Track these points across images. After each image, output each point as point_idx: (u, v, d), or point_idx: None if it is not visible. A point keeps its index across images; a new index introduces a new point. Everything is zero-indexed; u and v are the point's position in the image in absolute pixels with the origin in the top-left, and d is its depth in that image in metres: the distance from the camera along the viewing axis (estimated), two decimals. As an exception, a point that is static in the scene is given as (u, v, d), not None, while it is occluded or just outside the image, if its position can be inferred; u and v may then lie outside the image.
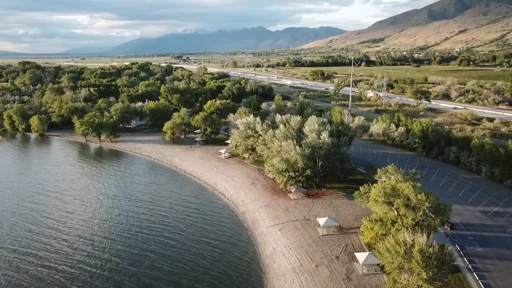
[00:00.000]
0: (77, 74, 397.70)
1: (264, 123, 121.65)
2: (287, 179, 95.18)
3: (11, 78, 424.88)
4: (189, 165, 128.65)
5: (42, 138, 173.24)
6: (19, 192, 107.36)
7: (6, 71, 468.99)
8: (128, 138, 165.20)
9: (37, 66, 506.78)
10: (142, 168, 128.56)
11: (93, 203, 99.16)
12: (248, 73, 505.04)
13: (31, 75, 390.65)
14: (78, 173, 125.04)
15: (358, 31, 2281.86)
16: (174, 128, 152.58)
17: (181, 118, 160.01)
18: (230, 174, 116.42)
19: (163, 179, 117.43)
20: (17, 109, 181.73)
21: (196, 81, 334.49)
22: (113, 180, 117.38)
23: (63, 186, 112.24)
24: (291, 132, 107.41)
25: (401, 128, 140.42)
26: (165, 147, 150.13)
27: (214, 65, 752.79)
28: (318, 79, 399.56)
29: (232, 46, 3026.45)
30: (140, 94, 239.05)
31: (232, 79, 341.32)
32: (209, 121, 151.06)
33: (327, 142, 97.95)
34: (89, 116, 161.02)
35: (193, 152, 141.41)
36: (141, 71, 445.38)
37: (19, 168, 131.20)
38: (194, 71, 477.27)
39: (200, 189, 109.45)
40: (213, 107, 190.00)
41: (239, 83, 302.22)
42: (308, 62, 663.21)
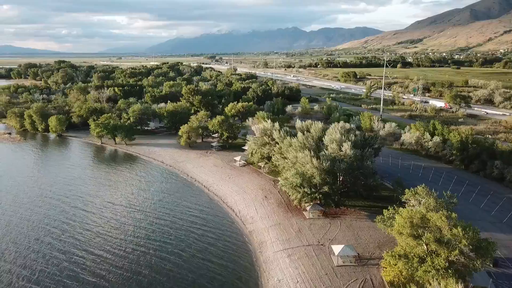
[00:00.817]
0: (107, 74, 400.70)
1: (282, 130, 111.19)
2: (301, 195, 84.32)
3: (46, 76, 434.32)
4: (201, 173, 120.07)
5: (60, 139, 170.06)
6: (19, 196, 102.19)
7: (41, 69, 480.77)
8: (144, 141, 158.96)
9: (71, 65, 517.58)
10: (152, 176, 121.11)
11: (92, 212, 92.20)
12: (278, 74, 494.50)
13: (63, 74, 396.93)
14: (85, 178, 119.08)
15: (395, 32, 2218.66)
16: (190, 132, 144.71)
17: (199, 122, 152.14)
18: (242, 185, 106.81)
19: (171, 189, 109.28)
20: (36, 108, 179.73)
21: (223, 82, 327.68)
22: (119, 187, 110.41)
23: (63, 192, 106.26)
24: (310, 141, 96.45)
25: (437, 137, 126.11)
26: (179, 152, 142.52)
27: (246, 65, 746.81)
28: (350, 81, 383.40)
29: (266, 47, 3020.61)
30: (164, 95, 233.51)
31: (260, 80, 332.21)
32: (226, 125, 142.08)
33: (349, 155, 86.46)
34: (104, 117, 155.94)
35: (208, 159, 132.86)
36: (170, 71, 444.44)
37: (27, 170, 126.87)
38: (224, 71, 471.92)
39: (208, 201, 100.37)
40: (234, 110, 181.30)
41: (266, 84, 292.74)
42: (341, 63, 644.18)
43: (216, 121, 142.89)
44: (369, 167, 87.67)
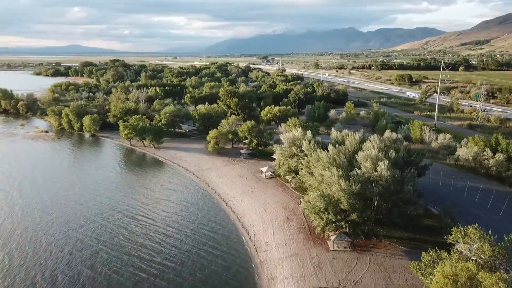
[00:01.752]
0: (155, 73, 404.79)
1: (313, 140, 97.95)
2: (325, 222, 71.09)
3: (100, 75, 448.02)
4: (223, 184, 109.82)
5: (92, 139, 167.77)
6: (34, 198, 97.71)
7: (96, 68, 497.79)
8: (173, 145, 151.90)
9: (124, 64, 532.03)
10: (172, 184, 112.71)
11: (100, 220, 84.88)
12: (327, 75, 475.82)
13: (114, 73, 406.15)
14: (103, 183, 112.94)
15: (459, 32, 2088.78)
16: (218, 138, 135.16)
17: (229, 126, 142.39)
18: (264, 202, 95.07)
19: (189, 201, 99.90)
20: (73, 107, 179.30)
21: (267, 83, 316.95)
22: (135, 195, 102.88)
23: (75, 198, 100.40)
24: (341, 157, 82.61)
25: (500, 154, 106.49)
26: (206, 158, 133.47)
27: (296, 66, 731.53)
28: (405, 84, 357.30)
29: (321, 47, 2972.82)
30: (204, 96, 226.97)
31: (306, 82, 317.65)
32: (256, 131, 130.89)
33: (385, 176, 71.91)
34: (134, 119, 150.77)
35: (234, 167, 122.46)
36: (217, 71, 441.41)
37: (48, 171, 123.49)
38: (271, 72, 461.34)
39: (224, 219, 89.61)
40: (271, 114, 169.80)
41: (311, 86, 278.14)
42: (397, 64, 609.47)
43: (246, 126, 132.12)
44: (409, 192, 72.38)
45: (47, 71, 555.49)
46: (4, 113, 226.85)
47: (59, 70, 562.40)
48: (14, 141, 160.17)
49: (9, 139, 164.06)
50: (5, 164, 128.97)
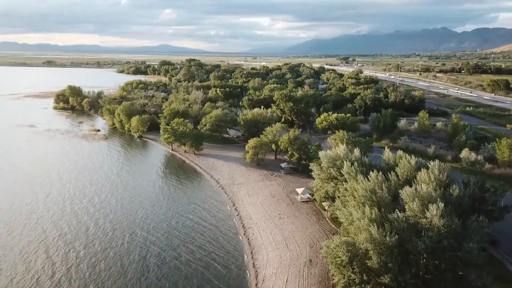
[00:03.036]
0: (224, 73, 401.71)
1: (356, 163, 78.68)
2: (346, 281, 52.89)
3: (174, 74, 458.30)
4: (250, 204, 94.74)
5: (138, 141, 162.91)
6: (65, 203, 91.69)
7: (172, 67, 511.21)
8: (214, 152, 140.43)
9: (199, 64, 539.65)
10: (196, 198, 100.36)
11: (111, 233, 75.09)
12: (409, 78, 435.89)
13: (185, 72, 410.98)
14: (133, 191, 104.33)
15: None
16: (258, 148, 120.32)
17: (273, 135, 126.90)
18: (289, 234, 78.26)
19: (207, 221, 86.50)
20: (124, 106, 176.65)
21: (337, 86, 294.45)
22: (157, 209, 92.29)
23: (95, 200, 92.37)
24: (384, 190, 62.91)
25: None
26: (243, 170, 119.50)
27: (377, 68, 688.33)
28: (499, 91, 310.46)
29: (408, 48, 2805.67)
30: (262, 99, 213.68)
31: (380, 86, 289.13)
32: (299, 143, 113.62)
33: (436, 226, 51.60)
34: (175, 122, 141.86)
35: (269, 184, 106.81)
36: (288, 72, 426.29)
37: (80, 174, 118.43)
38: (347, 74, 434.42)
39: (237, 251, 74.44)
40: (326, 122, 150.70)
41: (384, 90, 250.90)
42: (493, 68, 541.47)
43: (286, 137, 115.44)
44: (472, 252, 51.01)
45: (128, 69, 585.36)
46: (71, 110, 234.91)
47: (140, 68, 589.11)
48: (64, 139, 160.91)
49: (61, 136, 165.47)
50: (49, 165, 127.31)
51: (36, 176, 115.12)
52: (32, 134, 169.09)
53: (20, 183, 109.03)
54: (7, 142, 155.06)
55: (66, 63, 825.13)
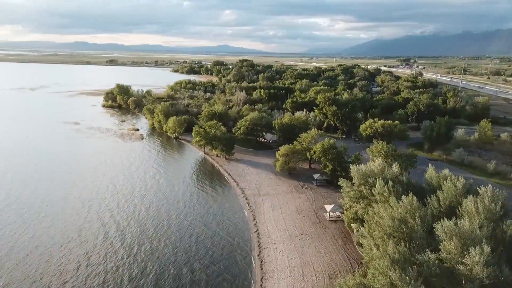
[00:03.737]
0: (274, 74, 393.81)
1: (390, 182, 67.15)
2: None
3: (226, 74, 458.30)
4: (272, 219, 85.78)
5: (174, 142, 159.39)
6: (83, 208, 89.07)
7: (223, 67, 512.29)
8: (246, 157, 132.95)
9: (251, 64, 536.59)
10: (217, 210, 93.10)
11: (110, 245, 70.26)
12: (475, 82, 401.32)
13: (235, 73, 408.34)
14: (149, 195, 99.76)
15: None
16: (290, 156, 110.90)
17: (308, 142, 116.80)
18: (308, 260, 68.45)
19: (219, 235, 78.98)
20: (162, 107, 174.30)
21: (391, 89, 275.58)
22: (173, 219, 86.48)
23: (114, 205, 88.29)
24: (416, 220, 51.35)
25: None
26: (272, 179, 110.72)
27: (440, 71, 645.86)
28: None
29: (478, 50, 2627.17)
30: (307, 102, 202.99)
31: (439, 90, 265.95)
32: (334, 153, 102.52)
33: (477, 275, 39.84)
34: (208, 125, 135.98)
35: (297, 197, 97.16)
36: (341, 74, 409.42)
37: (106, 175, 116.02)
38: (403, 77, 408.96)
39: (245, 275, 66.04)
40: (371, 130, 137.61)
41: (443, 96, 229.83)
42: None
43: (320, 145, 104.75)
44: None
45: (183, 69, 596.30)
46: (118, 108, 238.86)
47: (194, 68, 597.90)
48: (101, 138, 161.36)
49: (100, 135, 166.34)
50: (75, 164, 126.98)
51: (54, 173, 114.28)
52: (73, 131, 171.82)
53: (37, 181, 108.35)
54: (47, 139, 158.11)
55: (126, 62, 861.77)
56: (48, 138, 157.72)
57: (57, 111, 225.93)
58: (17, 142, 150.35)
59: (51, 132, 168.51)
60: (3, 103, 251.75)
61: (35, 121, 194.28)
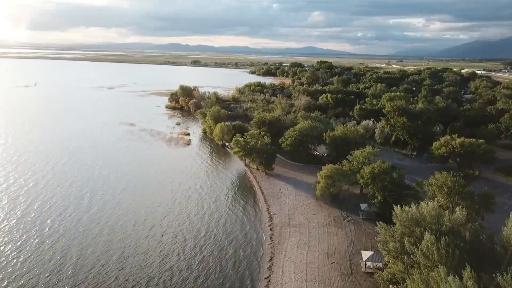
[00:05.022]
0: (351, 77, 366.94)
1: (447, 238, 46.29)
2: None
3: (302, 76, 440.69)
4: (293, 262, 68.11)
5: (220, 150, 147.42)
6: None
7: (299, 69, 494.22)
8: (288, 172, 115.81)
9: (329, 66, 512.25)
10: (233, 241, 77.84)
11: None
12: None
13: (309, 75, 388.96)
14: (165, 212, 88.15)
15: None
16: (334, 177, 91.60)
17: (360, 162, 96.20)
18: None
19: (222, 279, 63.77)
20: (213, 111, 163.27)
21: (484, 97, 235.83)
22: (178, 242, 73.63)
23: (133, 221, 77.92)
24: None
25: None
26: (310, 204, 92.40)
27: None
28: None
29: None
30: (377, 109, 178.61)
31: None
32: (386, 179, 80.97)
33: None
34: (249, 135, 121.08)
35: (333, 233, 77.99)
36: (428, 78, 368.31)
37: (137, 180, 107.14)
38: (504, 83, 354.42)
39: None
40: (446, 149, 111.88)
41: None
42: None
43: (369, 169, 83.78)
44: None
45: (259, 71, 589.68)
46: (180, 110, 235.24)
47: (270, 70, 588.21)
48: (148, 141, 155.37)
49: (148, 138, 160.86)
50: (113, 167, 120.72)
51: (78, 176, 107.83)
52: (125, 132, 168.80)
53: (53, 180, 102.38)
54: (98, 138, 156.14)
55: (209, 63, 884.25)
56: (96, 139, 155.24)
57: (120, 110, 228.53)
58: (59, 142, 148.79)
59: (102, 133, 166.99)
60: (75, 101, 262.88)
61: (94, 120, 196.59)
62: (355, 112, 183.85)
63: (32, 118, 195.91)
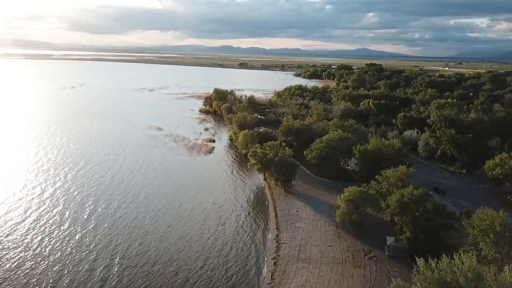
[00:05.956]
0: (400, 81, 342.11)
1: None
2: None
3: (348, 79, 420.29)
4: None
5: (241, 159, 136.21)
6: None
7: (346, 72, 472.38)
8: (310, 191, 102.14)
9: (378, 69, 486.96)
10: (225, 278, 66.34)
11: None
12: None
13: (355, 78, 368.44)
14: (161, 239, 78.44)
15: None
16: (360, 202, 77.22)
17: (391, 184, 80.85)
18: None
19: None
20: (237, 117, 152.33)
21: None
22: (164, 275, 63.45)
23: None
24: None
25: None
26: (328, 233, 78.60)
27: None
28: None
29: None
30: (424, 118, 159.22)
31: None
32: (416, 211, 65.35)
33: None
34: (268, 145, 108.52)
35: (349, 274, 63.95)
36: (488, 82, 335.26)
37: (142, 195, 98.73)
38: None
39: None
40: (501, 170, 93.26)
41: None
42: None
43: (397, 197, 68.45)
44: None
45: (305, 73, 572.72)
46: (213, 114, 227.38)
47: (316, 72, 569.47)
48: (169, 148, 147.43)
49: (171, 144, 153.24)
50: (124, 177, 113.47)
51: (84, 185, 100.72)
52: (149, 138, 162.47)
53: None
54: (119, 144, 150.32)
55: (256, 65, 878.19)
56: (116, 145, 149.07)
57: (153, 113, 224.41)
58: (76, 148, 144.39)
59: (126, 138, 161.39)
60: (112, 103, 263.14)
61: (124, 123, 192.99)
62: (398, 120, 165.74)
63: (62, 120, 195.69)
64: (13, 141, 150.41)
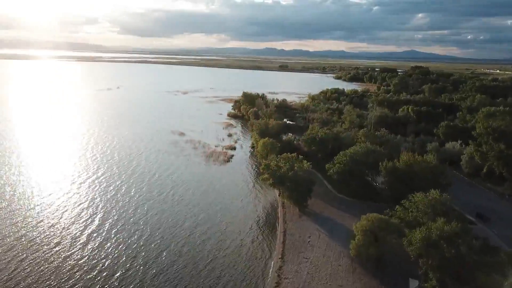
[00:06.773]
0: (447, 85, 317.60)
1: None
2: None
3: (390, 83, 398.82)
4: None
5: (258, 170, 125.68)
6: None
7: (389, 75, 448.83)
8: (328, 211, 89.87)
9: (425, 72, 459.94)
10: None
11: None
12: None
13: (397, 82, 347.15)
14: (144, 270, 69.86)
15: None
16: (382, 232, 64.63)
17: (421, 212, 67.44)
18: None
19: None
20: (257, 124, 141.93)
21: None
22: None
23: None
24: None
25: None
26: (341, 267, 66.49)
27: None
28: None
29: None
30: (469, 128, 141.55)
31: None
32: (446, 252, 51.97)
33: None
34: (283, 158, 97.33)
35: (357, 328, 51.70)
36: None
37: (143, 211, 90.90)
38: None
39: None
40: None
41: None
42: None
43: (422, 233, 55.18)
44: None
45: (345, 76, 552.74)
46: (241, 118, 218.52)
47: (357, 75, 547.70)
48: (186, 155, 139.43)
49: (189, 151, 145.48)
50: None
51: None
52: (169, 143, 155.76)
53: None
54: (137, 150, 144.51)
55: (296, 68, 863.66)
56: (134, 150, 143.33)
57: (179, 117, 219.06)
58: (94, 153, 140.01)
59: (146, 143, 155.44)
60: (144, 106, 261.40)
61: (149, 126, 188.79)
62: (440, 129, 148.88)
63: (90, 122, 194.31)
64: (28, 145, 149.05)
